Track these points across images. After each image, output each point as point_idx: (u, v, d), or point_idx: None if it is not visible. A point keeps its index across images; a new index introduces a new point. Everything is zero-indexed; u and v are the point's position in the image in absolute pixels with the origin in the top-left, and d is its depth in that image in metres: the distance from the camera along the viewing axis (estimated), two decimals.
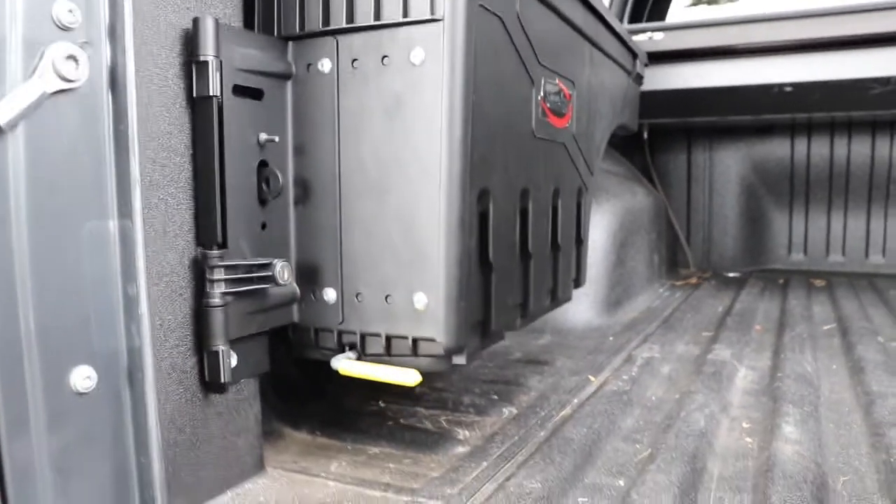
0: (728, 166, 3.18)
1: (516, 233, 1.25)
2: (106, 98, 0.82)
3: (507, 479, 1.02)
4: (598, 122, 1.74)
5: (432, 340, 1.02)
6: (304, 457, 1.15)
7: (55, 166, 0.77)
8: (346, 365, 1.05)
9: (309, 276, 1.09)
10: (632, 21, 2.99)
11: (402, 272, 1.03)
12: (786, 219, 3.17)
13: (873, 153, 2.95)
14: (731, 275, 3.10)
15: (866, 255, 3.05)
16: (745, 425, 1.25)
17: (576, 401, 1.39)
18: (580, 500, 0.97)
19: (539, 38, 1.27)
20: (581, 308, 2.09)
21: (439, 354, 1.04)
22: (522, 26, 1.20)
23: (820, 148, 3.03)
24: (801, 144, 3.06)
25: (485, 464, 1.10)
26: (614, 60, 1.84)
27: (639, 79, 2.17)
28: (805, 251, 3.16)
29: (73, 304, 0.80)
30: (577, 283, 1.68)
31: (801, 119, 2.91)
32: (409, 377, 1.00)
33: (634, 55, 2.06)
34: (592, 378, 1.54)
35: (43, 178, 0.76)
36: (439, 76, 0.98)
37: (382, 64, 1.01)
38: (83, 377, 0.81)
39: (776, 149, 3.10)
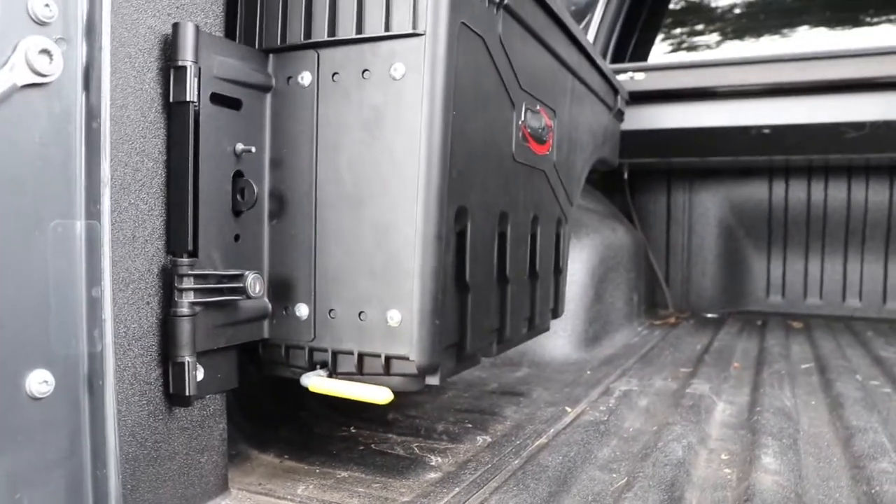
0: (707, 208, 3.22)
1: (494, 255, 1.24)
2: (79, 96, 0.80)
3: (482, 502, 0.99)
4: (578, 153, 1.75)
5: (405, 359, 1.00)
6: (271, 479, 1.11)
7: (22, 160, 0.75)
8: (316, 382, 1.02)
9: (281, 291, 1.07)
10: (614, 61, 3.06)
11: (377, 288, 1.01)
12: (764, 261, 3.20)
13: (849, 197, 3.01)
14: (709, 315, 3.11)
15: (843, 298, 3.08)
16: (723, 457, 1.22)
17: (552, 430, 1.36)
18: None
19: (521, 62, 1.29)
20: (559, 342, 2.07)
21: (412, 373, 1.01)
22: (504, 49, 1.21)
23: (797, 191, 3.09)
24: (778, 188, 3.11)
25: (457, 489, 1.06)
26: (596, 94, 1.87)
27: (620, 114, 2.21)
28: (783, 293, 3.18)
29: (33, 304, 0.77)
30: (556, 313, 1.67)
31: (778, 162, 2.96)
32: (380, 395, 0.97)
33: (616, 91, 2.09)
34: (569, 409, 1.52)
35: (8, 172, 0.74)
36: (419, 91, 0.98)
37: (363, 77, 1.01)
38: (39, 381, 0.77)
39: (755, 191, 3.15)
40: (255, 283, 0.99)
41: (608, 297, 2.38)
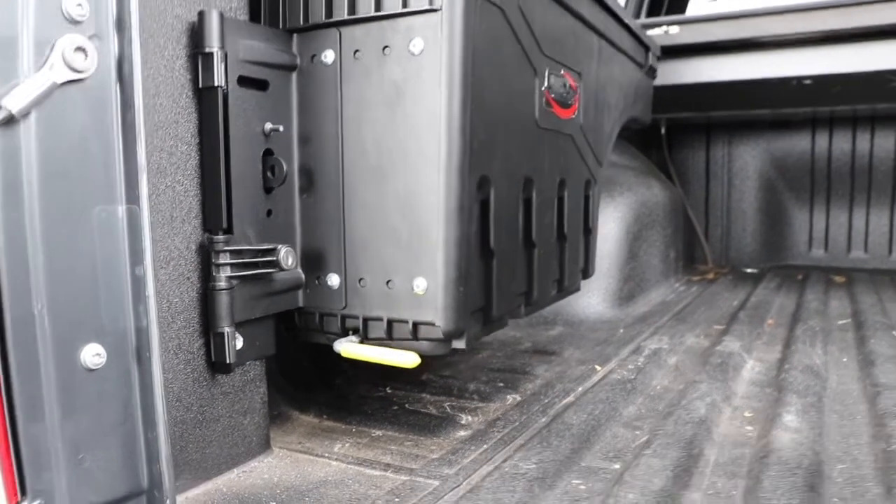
0: (747, 162, 3.15)
1: (519, 221, 1.27)
2: (114, 88, 0.85)
3: (505, 460, 1.04)
4: (607, 115, 1.75)
5: (432, 324, 1.05)
6: (310, 438, 1.18)
7: (65, 153, 0.81)
8: (348, 347, 1.08)
9: (313, 262, 1.12)
10: (650, 14, 2.98)
11: (403, 258, 1.05)
12: (806, 214, 3.13)
13: None
14: (748, 270, 3.07)
15: (889, 251, 3.00)
16: (746, 414, 1.25)
17: (580, 388, 1.40)
18: (574, 481, 0.98)
19: (543, 29, 1.29)
20: (593, 300, 2.10)
21: (439, 338, 1.06)
22: (525, 17, 1.21)
23: (841, 142, 2.99)
24: (822, 139, 3.02)
25: (485, 446, 1.12)
26: (625, 53, 1.85)
27: (651, 72, 2.17)
28: (826, 247, 3.11)
29: (83, 285, 0.84)
30: (586, 273, 1.69)
31: (822, 113, 2.87)
32: (408, 359, 1.03)
33: (647, 48, 2.06)
34: (599, 367, 1.55)
35: (53, 165, 0.80)
36: (438, 66, 1.00)
37: (383, 54, 1.04)
38: (93, 354, 0.84)
39: (796, 143, 3.06)
40: (287, 257, 1.05)
41: (643, 255, 2.38)
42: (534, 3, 1.25)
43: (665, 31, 2.61)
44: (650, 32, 2.63)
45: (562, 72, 1.40)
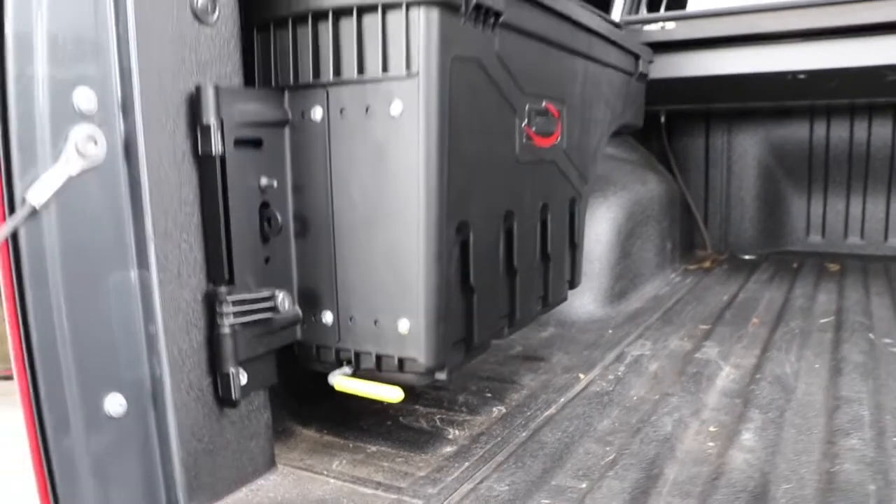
0: (746, 149, 3.20)
1: (499, 254, 1.36)
2: (122, 168, 0.96)
3: (482, 481, 1.17)
4: (593, 131, 1.82)
5: (415, 360, 1.16)
6: (311, 454, 1.31)
7: (81, 230, 0.92)
8: (340, 381, 1.19)
9: (309, 301, 1.23)
10: (651, 9, 2.99)
11: (388, 300, 1.16)
12: (804, 201, 3.18)
13: (895, 135, 2.93)
14: (746, 257, 3.15)
15: (885, 237, 3.05)
16: (711, 429, 1.35)
17: (562, 400, 1.52)
18: (543, 501, 1.10)
19: (523, 68, 1.36)
20: (585, 300, 2.20)
21: (422, 372, 1.18)
22: (503, 63, 1.29)
23: (839, 130, 3.02)
24: (819, 128, 3.05)
25: (466, 464, 1.24)
26: (612, 67, 1.91)
27: (642, 77, 2.22)
28: (823, 233, 3.17)
29: (104, 341, 0.96)
30: (572, 284, 1.79)
31: (820, 103, 2.90)
32: (393, 394, 1.15)
33: (636, 56, 2.11)
34: (582, 376, 1.66)
35: (72, 242, 0.91)
36: (416, 127, 1.09)
37: (366, 114, 1.13)
38: (116, 403, 0.97)
39: (795, 132, 3.10)
40: (284, 301, 1.16)
41: (636, 251, 2.46)
42: (512, 46, 1.32)
43: (662, 27, 2.65)
44: (647, 28, 2.67)
45: (544, 104, 1.47)
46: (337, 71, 1.13)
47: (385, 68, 1.10)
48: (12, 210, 0.86)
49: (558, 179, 1.61)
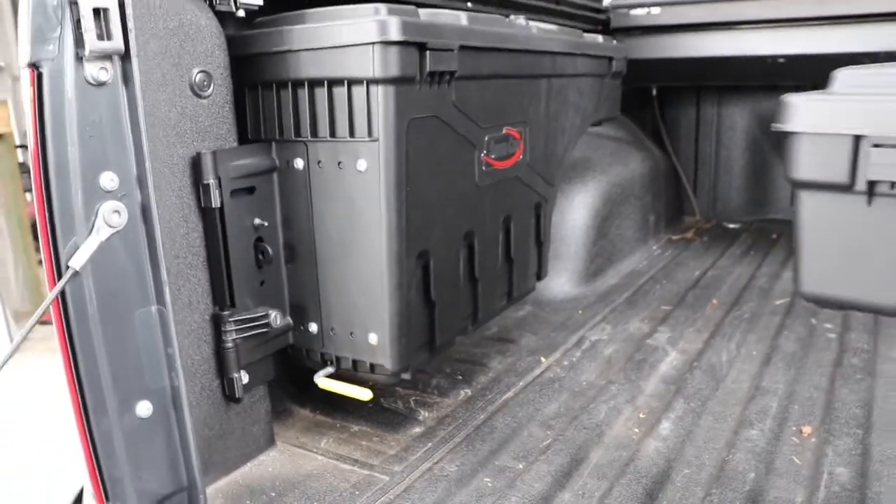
0: (735, 121, 3.32)
1: (460, 268, 1.60)
2: (141, 229, 1.20)
3: (438, 461, 1.45)
4: (560, 139, 2.00)
5: (383, 365, 1.42)
6: (305, 433, 1.60)
7: (111, 279, 1.18)
8: (322, 381, 1.47)
9: (299, 313, 1.50)
10: None
11: (360, 317, 1.42)
12: None
13: None
14: (731, 226, 3.32)
15: None
16: (641, 416, 1.61)
17: (521, 383, 1.78)
18: (485, 480, 1.38)
19: (481, 107, 1.56)
20: (561, 280, 2.43)
21: (389, 374, 1.44)
22: (460, 109, 1.49)
23: None
24: None
25: (429, 445, 1.52)
26: (581, 75, 2.07)
27: (617, 75, 2.36)
28: None
29: (134, 363, 1.23)
30: (539, 276, 2.02)
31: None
32: (363, 394, 1.42)
33: (609, 58, 2.25)
34: (543, 360, 1.92)
35: (104, 288, 1.17)
36: (378, 182, 1.31)
37: (339, 167, 1.35)
38: (145, 408, 1.25)
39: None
40: (276, 318, 1.42)
41: (614, 230, 2.67)
42: (469, 91, 1.51)
43: (648, 12, 2.75)
44: (634, 12, 2.78)
45: (504, 130, 1.67)
46: (314, 131, 1.35)
47: (352, 133, 1.31)
48: (59, 273, 1.12)
49: (521, 191, 1.82)
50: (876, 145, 1.35)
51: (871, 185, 1.38)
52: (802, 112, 1.44)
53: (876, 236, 1.39)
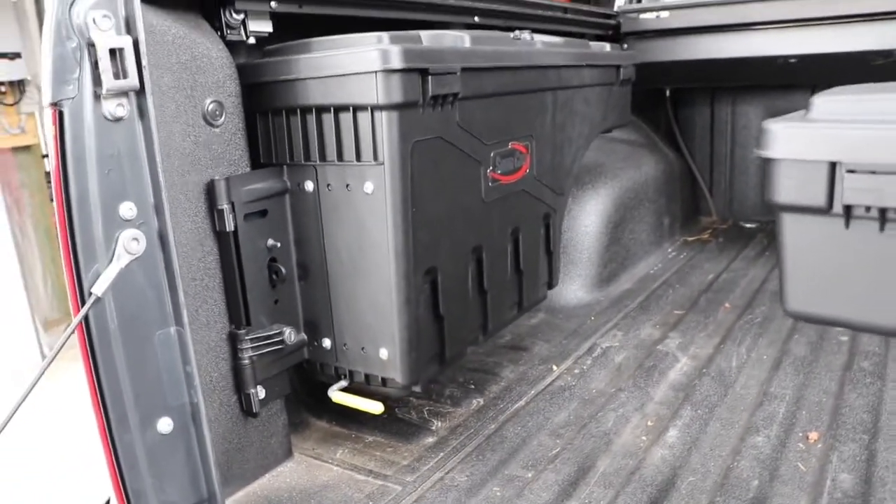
0: (750, 119, 3.30)
1: (468, 283, 1.64)
2: (159, 254, 1.26)
3: (449, 471, 1.49)
4: (567, 150, 2.03)
5: (394, 379, 1.47)
6: (321, 444, 1.66)
7: (132, 303, 1.24)
8: (335, 395, 1.52)
9: (312, 329, 1.55)
10: None
11: (371, 333, 1.46)
12: None
13: None
14: (747, 226, 3.31)
15: None
16: (649, 424, 1.64)
17: (532, 392, 1.82)
18: (494, 489, 1.42)
19: (486, 125, 1.59)
20: (574, 286, 2.46)
21: (400, 387, 1.49)
22: (464, 128, 1.52)
23: None
24: None
25: (441, 455, 1.56)
26: (588, 85, 2.09)
27: (626, 82, 2.38)
28: None
29: (155, 382, 1.29)
30: (550, 285, 2.06)
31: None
32: (375, 407, 1.47)
33: (617, 66, 2.27)
34: (555, 368, 1.95)
35: (125, 312, 1.23)
36: (384, 203, 1.36)
37: (347, 189, 1.40)
38: (166, 424, 1.31)
39: (796, 104, 3.16)
40: (290, 335, 1.47)
41: (628, 235, 2.68)
42: (473, 110, 1.55)
43: (657, 16, 2.76)
44: (643, 17, 2.79)
45: (510, 145, 1.70)
46: (322, 155, 1.40)
47: (358, 157, 1.36)
48: (82, 298, 1.18)
49: (529, 203, 1.85)
50: (850, 171, 1.37)
51: (848, 208, 1.41)
52: (781, 139, 1.47)
53: (854, 258, 1.41)
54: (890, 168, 1.34)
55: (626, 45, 2.85)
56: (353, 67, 1.29)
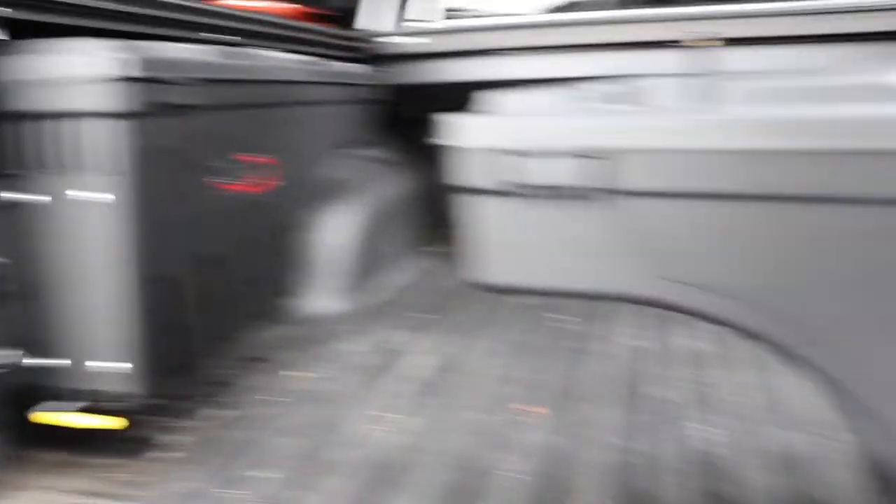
0: None
1: (210, 294, 1.65)
2: None
3: (188, 482, 1.49)
4: (312, 163, 2.13)
5: (126, 394, 1.44)
6: (55, 475, 1.54)
7: None
8: (70, 418, 1.48)
9: (39, 349, 1.45)
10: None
11: (107, 347, 1.45)
12: None
13: None
14: None
15: None
16: (389, 416, 1.77)
17: (269, 398, 1.86)
18: (231, 491, 1.45)
19: (224, 136, 1.64)
20: (320, 297, 2.53)
21: (134, 401, 1.46)
22: (201, 139, 1.55)
23: None
24: None
25: (181, 467, 1.55)
26: (332, 103, 2.21)
27: (371, 101, 2.53)
28: None
29: None
30: (293, 296, 2.13)
31: None
32: (113, 424, 1.45)
33: (361, 86, 2.41)
34: (295, 374, 2.02)
35: None
36: (117, 213, 1.35)
37: (78, 200, 1.37)
38: None
39: None
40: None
41: (376, 247, 2.85)
42: (210, 121, 1.59)
43: (416, 42, 2.99)
44: (401, 41, 2.99)
45: (251, 157, 1.76)
46: (52, 164, 1.33)
47: (90, 166, 1.32)
48: None
49: (272, 215, 1.92)
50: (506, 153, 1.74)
51: (510, 186, 1.79)
52: (456, 130, 1.79)
53: (519, 228, 1.77)
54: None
55: (382, 68, 3.02)
56: (86, 73, 1.26)
